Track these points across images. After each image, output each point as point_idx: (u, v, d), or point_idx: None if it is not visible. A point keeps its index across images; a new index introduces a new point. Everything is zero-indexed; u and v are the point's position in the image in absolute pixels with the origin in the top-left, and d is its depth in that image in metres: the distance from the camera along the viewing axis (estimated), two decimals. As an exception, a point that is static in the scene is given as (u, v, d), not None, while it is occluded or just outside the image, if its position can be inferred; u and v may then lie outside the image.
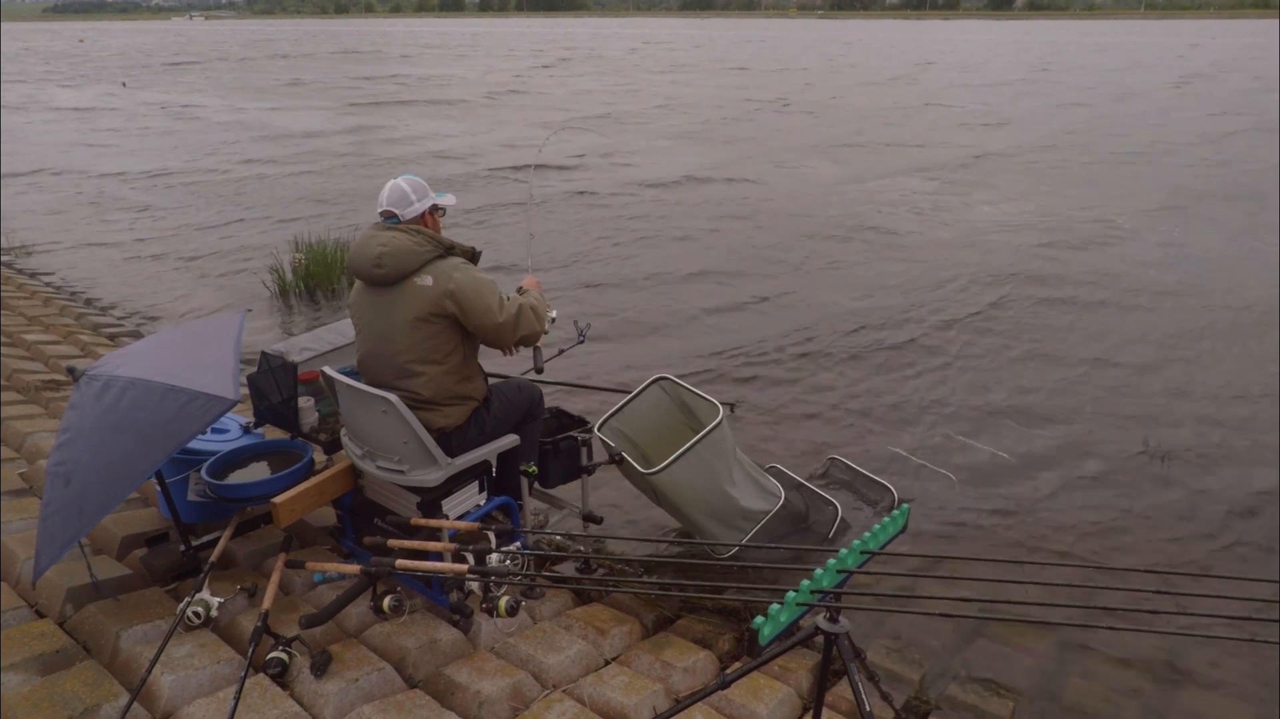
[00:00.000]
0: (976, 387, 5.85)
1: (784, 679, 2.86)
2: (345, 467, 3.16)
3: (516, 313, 2.88)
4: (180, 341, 3.27)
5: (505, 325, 2.86)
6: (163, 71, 35.48)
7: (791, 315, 7.30)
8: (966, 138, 16.76)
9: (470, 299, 2.82)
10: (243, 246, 9.58)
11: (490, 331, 2.88)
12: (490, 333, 2.89)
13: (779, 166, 13.96)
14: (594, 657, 2.94)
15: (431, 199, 2.98)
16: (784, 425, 5.35)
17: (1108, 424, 5.29)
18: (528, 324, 2.92)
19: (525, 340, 2.99)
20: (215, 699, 2.46)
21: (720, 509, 3.47)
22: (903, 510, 2.85)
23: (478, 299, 2.82)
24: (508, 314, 2.86)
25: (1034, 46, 53.09)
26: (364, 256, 2.84)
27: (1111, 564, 3.85)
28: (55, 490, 2.53)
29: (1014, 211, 10.75)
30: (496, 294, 2.87)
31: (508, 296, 2.93)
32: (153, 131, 18.65)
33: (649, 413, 3.82)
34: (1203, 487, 4.60)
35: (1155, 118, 19.30)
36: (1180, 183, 12.26)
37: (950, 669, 3.18)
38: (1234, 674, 3.17)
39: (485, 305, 2.83)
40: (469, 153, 15.37)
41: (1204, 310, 7.21)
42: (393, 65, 39.12)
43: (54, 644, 2.64)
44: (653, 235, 9.84)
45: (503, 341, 2.93)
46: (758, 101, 23.25)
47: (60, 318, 6.79)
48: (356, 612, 2.97)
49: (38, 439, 4.12)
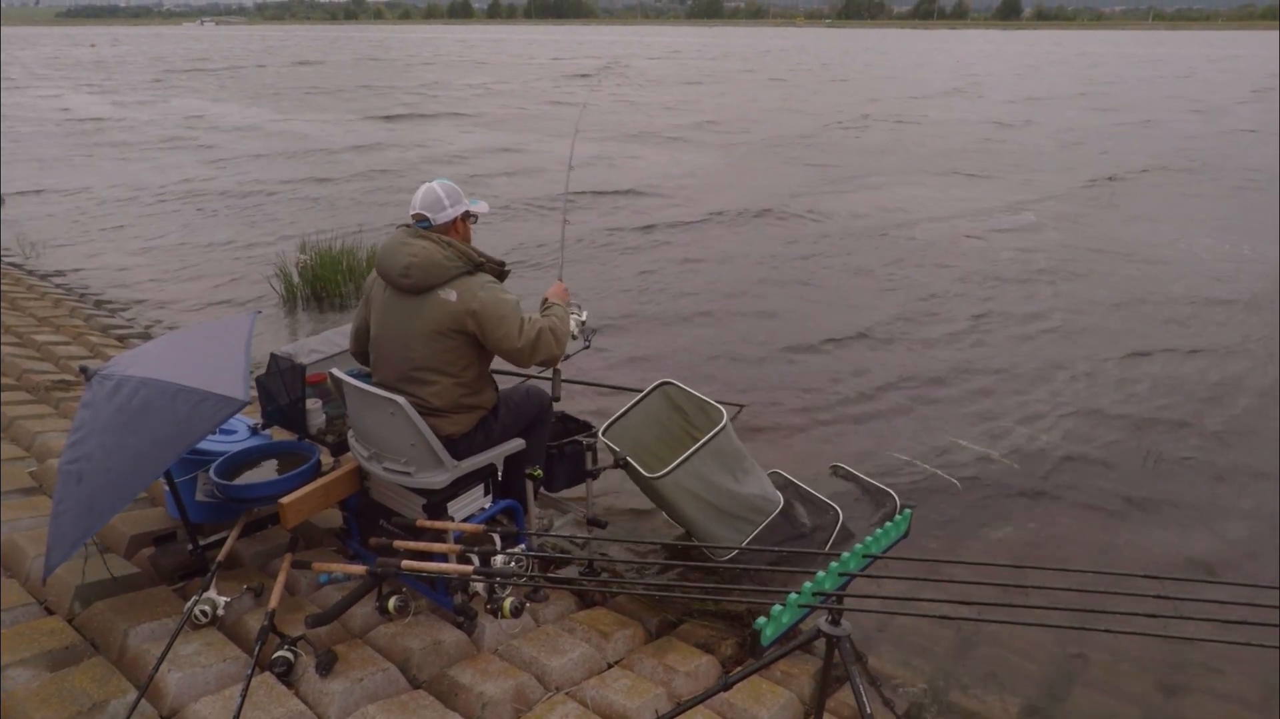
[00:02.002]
0: (979, 392, 5.85)
1: (785, 683, 2.87)
2: (352, 468, 3.19)
3: (535, 337, 2.89)
4: (191, 343, 3.30)
5: (523, 351, 2.89)
6: (188, 77, 35.34)
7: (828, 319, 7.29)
8: (1070, 158, 15.51)
9: (492, 321, 2.83)
10: (252, 250, 9.64)
11: (508, 354, 2.92)
12: (508, 355, 2.93)
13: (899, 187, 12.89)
14: (597, 659, 2.95)
15: (464, 205, 2.98)
16: (787, 431, 5.36)
17: (1109, 430, 5.29)
18: (546, 349, 2.94)
19: (543, 363, 3.02)
20: (221, 697, 2.48)
21: (723, 514, 3.48)
22: (905, 515, 2.86)
23: (499, 322, 2.84)
24: (526, 339, 2.87)
25: (1068, 58, 52.11)
26: (392, 263, 2.85)
27: (1113, 569, 3.86)
28: (67, 488, 2.56)
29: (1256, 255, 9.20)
30: (518, 317, 2.88)
31: (530, 317, 2.93)
32: (171, 138, 18.77)
33: (653, 417, 3.83)
34: (1204, 491, 4.61)
35: (1250, 131, 18.45)
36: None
37: (952, 674, 3.18)
38: (1235, 679, 3.18)
39: (506, 329, 2.85)
40: (533, 168, 14.48)
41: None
42: (421, 73, 38.49)
43: (63, 641, 2.66)
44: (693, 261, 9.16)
45: (520, 363, 2.96)
46: (821, 116, 21.81)
47: (70, 319, 6.84)
48: (361, 612, 2.99)
49: (47, 438, 4.16)
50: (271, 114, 22.89)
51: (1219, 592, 1.92)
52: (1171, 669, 3.24)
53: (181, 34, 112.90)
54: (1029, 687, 3.13)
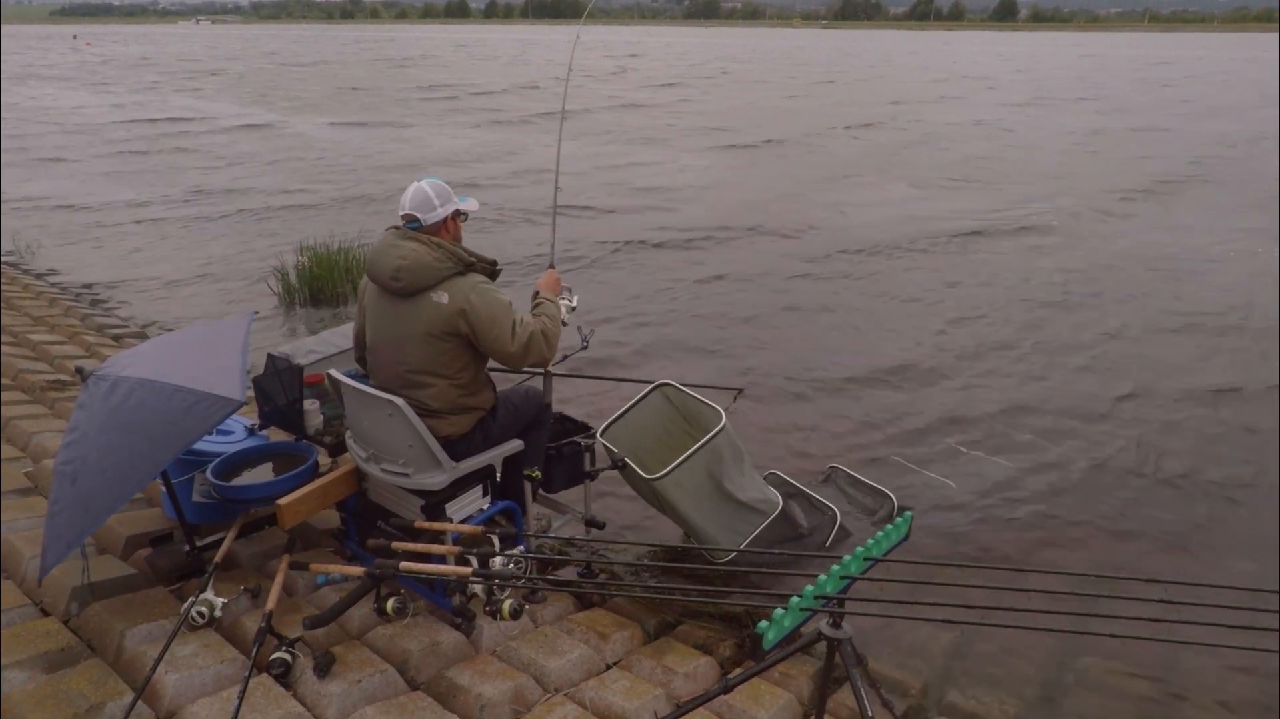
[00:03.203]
0: (980, 397, 5.86)
1: (785, 685, 2.87)
2: (349, 469, 3.17)
3: (528, 341, 2.88)
4: (188, 343, 3.29)
5: (515, 355, 2.88)
6: (192, 78, 34.98)
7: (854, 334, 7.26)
8: (1109, 163, 14.89)
9: (484, 323, 2.82)
10: (250, 250, 9.62)
11: (500, 357, 2.92)
12: (500, 358, 2.92)
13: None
14: (595, 661, 2.95)
15: (454, 204, 2.96)
16: (785, 432, 5.36)
17: (1110, 434, 5.30)
18: (538, 353, 2.93)
19: (535, 365, 3.01)
20: (219, 699, 2.47)
21: (721, 515, 3.48)
22: (905, 518, 2.86)
23: (491, 324, 2.83)
24: (519, 344, 2.86)
25: (1077, 60, 51.64)
26: (382, 266, 2.84)
27: (1112, 572, 3.86)
28: (62, 489, 2.55)
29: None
30: (511, 319, 2.86)
31: (522, 319, 2.91)
32: (174, 138, 18.73)
33: (651, 418, 3.83)
34: (1205, 495, 4.61)
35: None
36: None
37: (951, 677, 3.18)
38: (1235, 682, 3.18)
39: (498, 331, 2.84)
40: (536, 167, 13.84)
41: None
42: (442, 73, 37.85)
43: (59, 642, 2.65)
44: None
45: (512, 365, 2.96)
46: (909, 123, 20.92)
47: (66, 319, 6.81)
48: (359, 614, 2.98)
49: (43, 439, 4.14)
50: (272, 114, 22.84)
51: (1218, 595, 1.92)
52: (1170, 673, 3.24)
53: (176, 32, 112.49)
54: (1028, 689, 3.13)
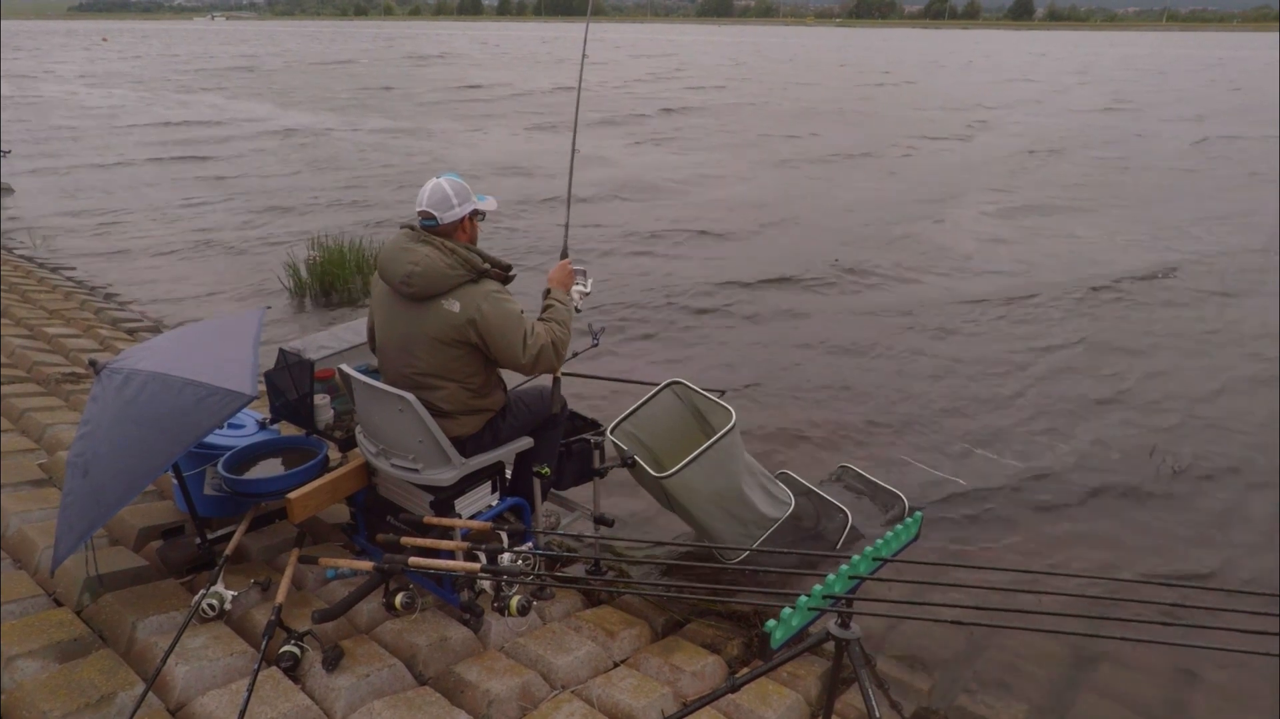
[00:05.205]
0: (990, 398, 5.82)
1: (793, 685, 2.86)
2: (359, 464, 3.18)
3: (538, 354, 2.86)
4: (200, 337, 3.30)
5: (525, 366, 2.87)
6: (220, 75, 35.04)
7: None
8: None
9: (494, 334, 2.81)
10: (263, 245, 9.67)
11: (510, 367, 2.91)
12: (510, 367, 2.91)
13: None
14: (603, 658, 2.95)
15: (472, 203, 2.92)
16: (796, 432, 5.34)
17: (1120, 436, 5.25)
18: (547, 363, 2.91)
19: (544, 373, 3.00)
20: (228, 691, 2.48)
21: (731, 514, 3.47)
22: (915, 518, 2.84)
23: (501, 335, 2.81)
24: (529, 356, 2.84)
25: (1125, 60, 50.47)
26: (394, 270, 2.82)
27: (1123, 575, 3.83)
28: (74, 481, 2.57)
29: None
30: (521, 330, 2.83)
31: (532, 327, 2.89)
32: (187, 131, 18.84)
33: (661, 416, 3.82)
34: (1213, 499, 4.57)
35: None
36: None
37: (960, 679, 3.16)
38: (1246, 686, 3.15)
39: (508, 342, 2.82)
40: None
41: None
42: (478, 72, 37.22)
43: (71, 633, 2.67)
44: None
45: (522, 373, 2.94)
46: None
47: (80, 312, 6.87)
48: (368, 608, 2.99)
49: (57, 431, 4.17)
50: (289, 112, 22.95)
51: (1229, 600, 1.90)
52: (1179, 676, 3.21)
53: (194, 29, 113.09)
54: (1036, 692, 3.11)
